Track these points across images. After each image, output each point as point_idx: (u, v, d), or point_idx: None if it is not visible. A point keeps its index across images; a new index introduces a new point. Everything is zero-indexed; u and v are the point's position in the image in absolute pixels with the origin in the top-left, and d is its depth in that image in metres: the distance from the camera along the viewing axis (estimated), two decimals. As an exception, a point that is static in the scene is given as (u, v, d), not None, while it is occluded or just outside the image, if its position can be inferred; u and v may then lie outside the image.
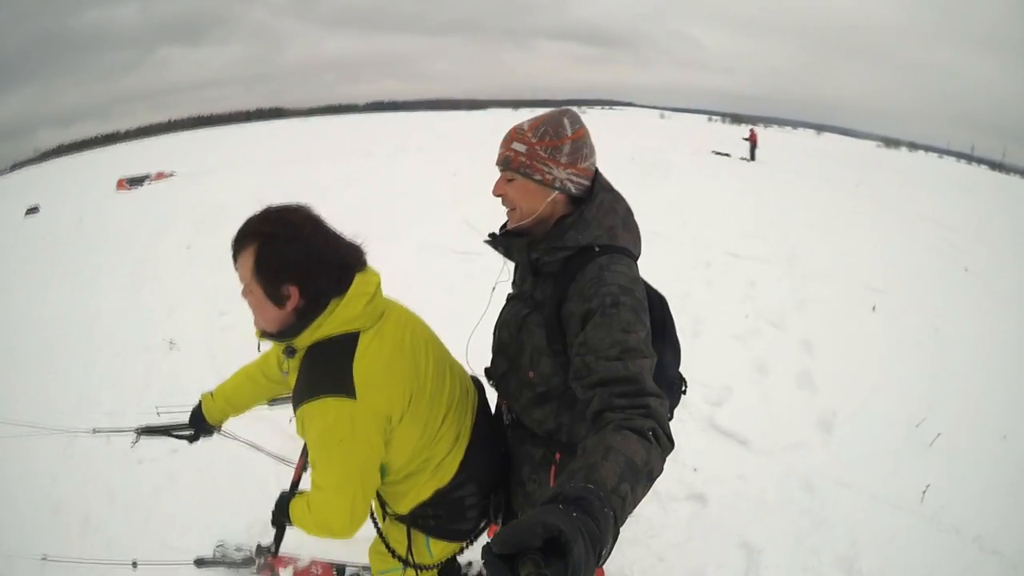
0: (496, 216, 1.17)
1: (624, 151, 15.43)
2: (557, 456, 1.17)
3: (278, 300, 0.96)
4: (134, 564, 1.47)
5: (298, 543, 1.99)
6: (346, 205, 7.56)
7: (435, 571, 1.27)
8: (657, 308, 1.12)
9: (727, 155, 18.48)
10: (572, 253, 1.05)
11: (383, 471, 1.10)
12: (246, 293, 1.00)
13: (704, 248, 6.22)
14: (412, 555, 1.22)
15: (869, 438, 2.80)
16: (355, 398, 0.94)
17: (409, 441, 1.07)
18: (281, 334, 1.00)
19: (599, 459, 0.70)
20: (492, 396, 1.33)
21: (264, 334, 1.03)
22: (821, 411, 3.01)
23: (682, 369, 1.26)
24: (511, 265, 1.25)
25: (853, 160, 24.82)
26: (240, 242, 0.97)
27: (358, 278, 1.01)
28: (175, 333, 4.12)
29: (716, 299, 4.67)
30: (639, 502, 0.73)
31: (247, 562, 1.99)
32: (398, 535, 1.24)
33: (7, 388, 3.51)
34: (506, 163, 1.06)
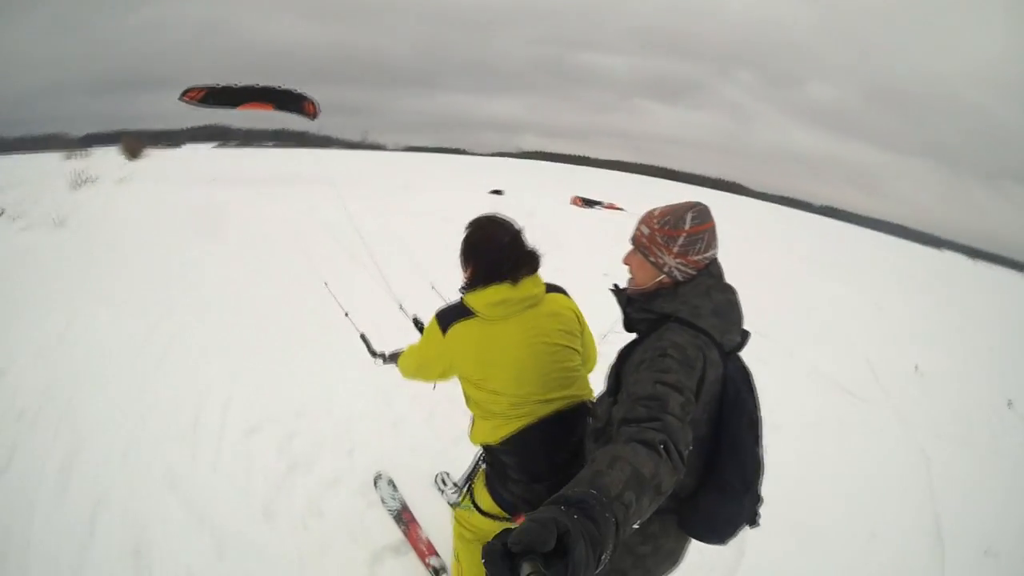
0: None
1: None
2: None
3: (464, 268, 1.47)
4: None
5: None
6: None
7: (482, 520, 1.58)
8: (730, 404, 1.13)
9: None
10: (656, 318, 1.16)
11: (468, 400, 1.53)
12: None
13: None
14: (473, 488, 1.65)
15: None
16: (444, 336, 1.42)
17: (480, 395, 1.45)
18: (462, 288, 1.48)
19: (605, 467, 0.75)
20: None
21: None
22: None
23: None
24: None
25: None
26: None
27: (497, 288, 1.38)
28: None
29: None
30: (646, 513, 0.76)
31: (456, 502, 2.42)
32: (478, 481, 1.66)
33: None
34: (632, 239, 1.22)
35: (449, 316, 1.43)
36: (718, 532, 1.17)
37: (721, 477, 1.12)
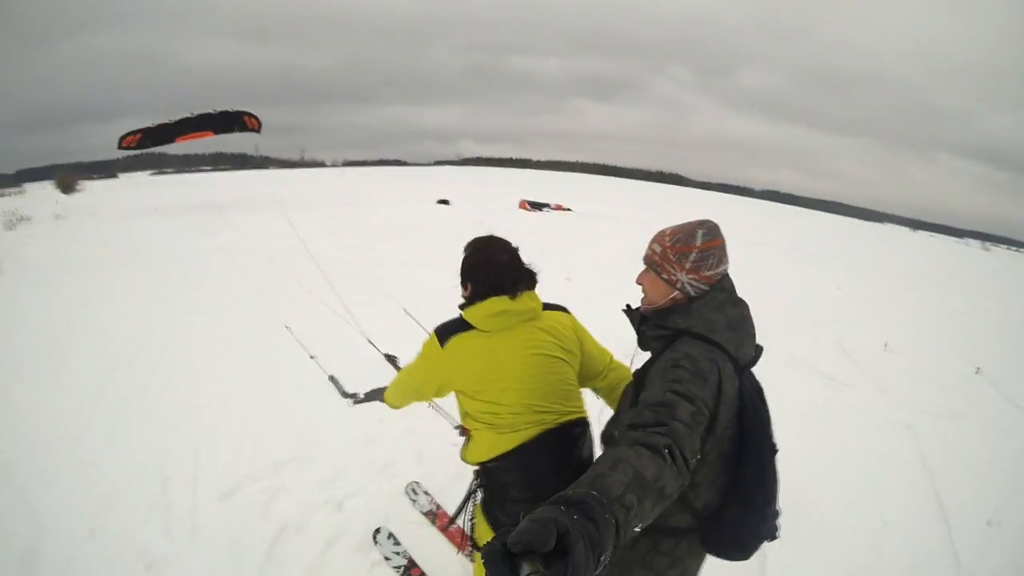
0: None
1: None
2: None
3: (464, 287, 1.50)
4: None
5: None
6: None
7: None
8: (750, 419, 1.13)
9: None
10: (670, 335, 1.18)
11: (465, 416, 1.51)
12: None
13: None
14: (474, 525, 1.62)
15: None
16: (443, 349, 1.43)
17: (478, 408, 1.43)
18: (461, 305, 1.49)
19: (607, 469, 0.76)
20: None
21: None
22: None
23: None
24: None
25: None
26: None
27: (496, 300, 1.41)
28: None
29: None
30: (649, 517, 0.76)
31: (429, 509, 2.55)
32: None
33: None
34: (645, 258, 1.25)
35: (448, 329, 1.46)
36: (744, 547, 1.18)
37: (746, 491, 1.13)
